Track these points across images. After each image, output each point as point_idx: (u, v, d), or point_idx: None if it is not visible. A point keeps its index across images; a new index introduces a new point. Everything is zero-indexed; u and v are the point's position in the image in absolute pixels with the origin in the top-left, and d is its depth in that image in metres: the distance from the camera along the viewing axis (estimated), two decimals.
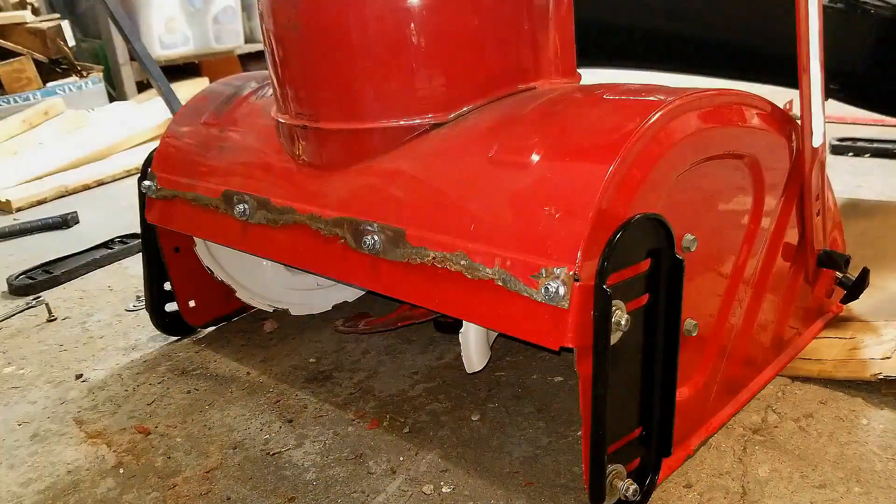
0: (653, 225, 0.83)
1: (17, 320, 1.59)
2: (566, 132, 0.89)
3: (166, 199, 1.29)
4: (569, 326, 0.79)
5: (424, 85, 1.01)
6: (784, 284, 1.15)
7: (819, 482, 0.96)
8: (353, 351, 1.36)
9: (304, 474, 1.04)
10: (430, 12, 0.98)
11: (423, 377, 1.26)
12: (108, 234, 1.96)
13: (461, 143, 0.98)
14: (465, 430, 1.11)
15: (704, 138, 0.93)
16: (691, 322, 0.96)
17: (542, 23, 1.06)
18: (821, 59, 1.09)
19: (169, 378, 1.31)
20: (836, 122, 2.42)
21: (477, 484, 1.00)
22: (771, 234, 1.09)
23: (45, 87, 3.16)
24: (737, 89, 1.03)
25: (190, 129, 1.32)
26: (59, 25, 3.41)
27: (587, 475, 0.86)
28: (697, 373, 1.02)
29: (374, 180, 1.02)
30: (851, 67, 1.64)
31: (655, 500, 0.95)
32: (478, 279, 0.86)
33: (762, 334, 1.13)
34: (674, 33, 1.83)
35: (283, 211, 1.08)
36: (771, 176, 1.06)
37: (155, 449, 1.12)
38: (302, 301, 1.46)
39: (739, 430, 1.06)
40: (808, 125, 1.09)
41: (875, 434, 1.04)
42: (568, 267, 0.79)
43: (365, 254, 0.98)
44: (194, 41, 3.58)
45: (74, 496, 1.03)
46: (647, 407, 0.91)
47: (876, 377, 1.11)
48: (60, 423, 1.20)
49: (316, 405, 1.20)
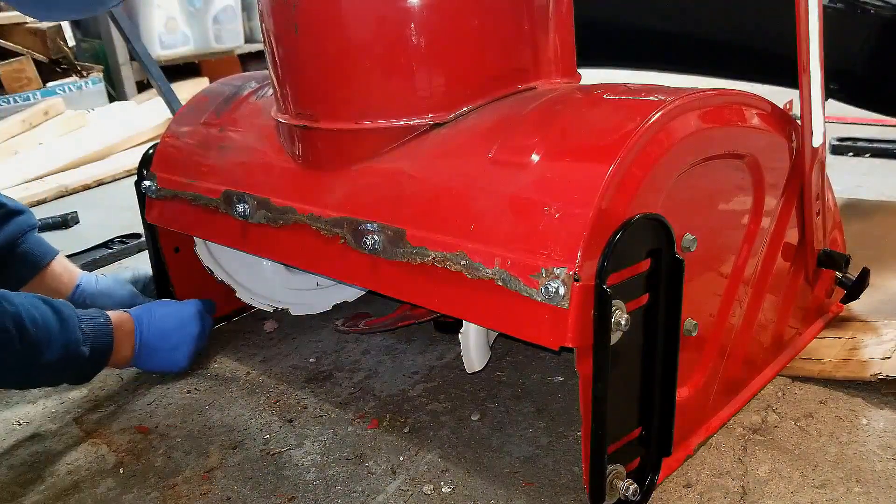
0: (653, 225, 0.83)
1: None
2: (566, 132, 0.89)
3: (166, 199, 1.29)
4: (569, 326, 0.79)
5: (424, 85, 1.01)
6: (784, 284, 1.15)
7: (819, 482, 0.96)
8: (353, 351, 1.36)
9: (304, 474, 1.04)
10: (430, 12, 0.98)
11: (423, 377, 1.26)
12: (108, 234, 1.96)
13: (461, 143, 0.98)
14: (465, 430, 1.11)
15: (704, 138, 0.93)
16: (691, 322, 0.96)
17: (542, 23, 1.06)
18: (821, 59, 1.09)
19: (169, 378, 1.31)
20: (836, 122, 2.42)
21: (477, 484, 1.00)
22: (771, 234, 1.09)
23: (45, 87, 3.16)
24: (737, 89, 1.03)
25: (190, 129, 1.32)
26: (59, 25, 3.40)
27: (587, 475, 0.86)
28: (697, 373, 1.02)
29: (374, 180, 1.02)
30: (851, 67, 1.64)
31: (655, 499, 0.95)
32: (478, 279, 0.86)
33: (762, 334, 1.13)
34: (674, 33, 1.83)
35: (284, 211, 1.08)
36: (771, 176, 1.06)
37: (155, 449, 1.12)
38: (302, 301, 1.46)
39: (739, 430, 1.06)
40: (808, 125, 1.09)
41: (875, 434, 1.04)
42: (568, 267, 0.79)
43: (365, 254, 0.98)
44: (194, 41, 3.57)
45: (74, 496, 1.03)
46: (647, 407, 0.91)
47: (876, 377, 1.11)
48: (60, 423, 1.20)
49: (316, 405, 1.20)
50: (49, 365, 1.08)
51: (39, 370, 1.08)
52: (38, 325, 1.06)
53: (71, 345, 1.10)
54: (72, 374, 1.15)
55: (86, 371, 1.17)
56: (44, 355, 1.06)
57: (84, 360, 1.13)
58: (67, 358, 1.10)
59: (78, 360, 1.12)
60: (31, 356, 1.05)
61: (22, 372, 1.07)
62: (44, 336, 1.06)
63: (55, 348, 1.08)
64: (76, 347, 1.11)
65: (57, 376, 1.14)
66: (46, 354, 1.07)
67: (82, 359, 1.13)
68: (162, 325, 1.26)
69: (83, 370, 1.16)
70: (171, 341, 1.26)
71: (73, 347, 1.11)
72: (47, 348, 1.07)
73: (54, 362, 1.08)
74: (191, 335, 1.29)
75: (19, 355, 1.04)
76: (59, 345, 1.08)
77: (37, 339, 1.05)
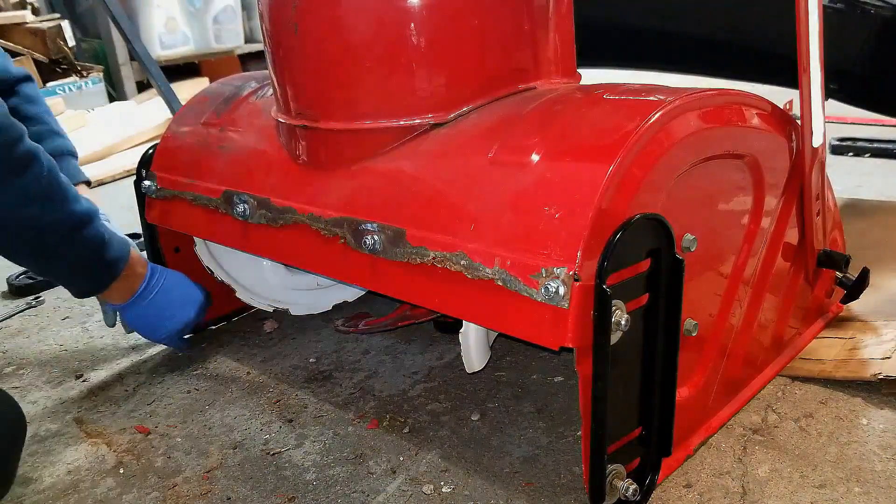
0: (653, 225, 0.83)
1: (17, 320, 1.59)
2: (566, 132, 0.89)
3: (166, 198, 1.29)
4: (569, 326, 0.79)
5: (424, 85, 1.01)
6: (784, 284, 1.15)
7: (819, 482, 0.96)
8: (353, 351, 1.36)
9: (304, 474, 1.04)
10: (430, 12, 0.98)
11: (423, 377, 1.26)
12: None
13: (461, 143, 0.98)
14: (465, 430, 1.11)
15: (704, 138, 0.93)
16: (691, 322, 0.96)
17: (542, 23, 1.06)
18: (821, 59, 1.09)
19: (169, 378, 1.31)
20: (836, 122, 2.41)
21: (477, 484, 1.00)
22: (771, 234, 1.09)
23: (45, 87, 3.16)
24: (737, 89, 1.03)
25: (190, 129, 1.32)
26: (59, 25, 3.40)
27: (587, 475, 0.86)
28: (697, 373, 1.02)
29: (374, 180, 1.02)
30: (851, 67, 1.64)
31: (655, 499, 0.95)
32: (478, 279, 0.86)
33: (762, 334, 1.13)
34: (674, 33, 1.83)
35: (283, 211, 1.08)
36: (771, 176, 1.06)
37: (155, 449, 1.12)
38: (302, 301, 1.46)
39: (739, 430, 1.07)
40: (808, 125, 1.09)
41: (875, 434, 1.04)
42: (568, 267, 0.79)
43: (365, 254, 0.98)
44: (194, 41, 3.57)
45: (74, 496, 1.03)
46: (647, 407, 0.91)
47: (876, 377, 1.11)
48: (60, 423, 1.20)
49: (316, 405, 1.20)
50: (70, 232, 1.08)
51: (59, 233, 1.08)
52: (68, 188, 1.08)
53: (94, 227, 1.12)
54: (87, 264, 1.14)
55: (99, 268, 1.16)
56: (67, 211, 1.07)
57: (101, 247, 1.13)
58: (88, 239, 1.11)
59: (97, 245, 1.13)
60: (54, 199, 1.06)
61: (43, 222, 1.06)
62: (72, 194, 1.08)
63: (79, 212, 1.09)
64: (98, 231, 1.13)
65: (73, 254, 1.12)
66: (68, 212, 1.07)
67: (100, 244, 1.13)
68: (170, 285, 1.27)
69: (98, 265, 1.15)
70: (172, 306, 1.27)
71: (96, 230, 1.12)
72: (73, 205, 1.08)
73: (73, 231, 1.08)
74: (188, 314, 1.30)
75: (44, 186, 1.04)
76: (82, 214, 1.10)
77: (64, 192, 1.07)
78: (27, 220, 1.05)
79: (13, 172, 1.01)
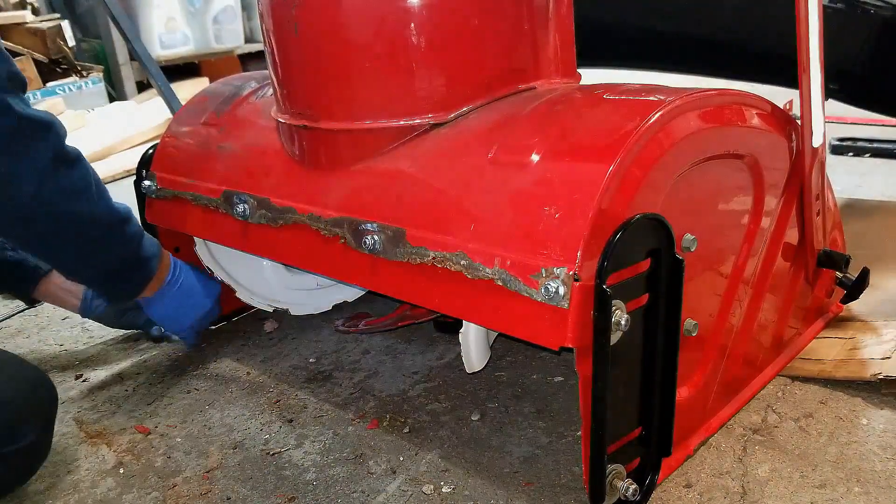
0: (653, 225, 0.83)
1: (16, 320, 1.59)
2: (566, 132, 0.89)
3: (166, 198, 1.30)
4: (569, 326, 0.79)
5: (424, 85, 1.01)
6: (784, 284, 1.15)
7: (819, 482, 0.96)
8: (353, 351, 1.36)
9: (304, 474, 1.04)
10: (430, 12, 0.98)
11: (423, 377, 1.26)
12: None
13: (461, 143, 0.98)
14: (465, 430, 1.11)
15: (704, 138, 0.93)
16: (691, 322, 0.96)
17: (542, 23, 1.06)
18: (821, 59, 1.09)
19: (169, 378, 1.31)
20: (836, 122, 2.42)
21: (477, 484, 1.00)
22: (771, 233, 1.09)
23: (46, 87, 3.16)
24: (737, 89, 1.03)
25: (190, 129, 1.32)
26: (59, 25, 3.41)
27: (587, 475, 0.86)
28: (697, 373, 1.02)
29: (374, 180, 1.02)
30: (851, 67, 1.64)
31: (655, 499, 0.95)
32: (478, 279, 0.86)
33: (762, 334, 1.13)
34: (674, 33, 1.83)
35: (283, 211, 1.08)
36: (771, 176, 1.06)
37: (155, 449, 1.12)
38: (302, 301, 1.46)
39: (739, 430, 1.07)
40: (808, 125, 1.09)
41: (875, 434, 1.04)
42: (568, 267, 0.79)
43: (365, 254, 0.98)
44: (194, 41, 3.57)
45: (74, 496, 1.03)
46: (647, 407, 0.91)
47: (876, 377, 1.11)
48: (60, 423, 1.20)
49: (316, 405, 1.20)
50: (114, 227, 1.11)
51: (103, 229, 1.10)
52: (106, 195, 1.12)
53: (134, 223, 1.16)
54: (132, 259, 1.17)
55: (138, 267, 1.18)
56: (111, 207, 1.11)
57: (138, 246, 1.17)
58: (128, 236, 1.14)
59: (136, 243, 1.16)
60: (101, 195, 1.09)
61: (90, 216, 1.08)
62: (110, 203, 1.12)
63: (120, 209, 1.13)
64: (138, 228, 1.17)
65: (115, 253, 1.14)
66: (112, 208, 1.11)
67: (139, 243, 1.17)
68: (189, 275, 1.30)
69: (136, 263, 1.18)
70: (195, 294, 1.30)
71: (136, 226, 1.17)
72: (112, 202, 1.12)
73: (116, 226, 1.12)
74: (209, 302, 1.32)
75: (91, 181, 1.08)
76: (123, 211, 1.14)
77: (104, 189, 1.11)
78: (76, 213, 1.07)
79: (66, 164, 1.04)
